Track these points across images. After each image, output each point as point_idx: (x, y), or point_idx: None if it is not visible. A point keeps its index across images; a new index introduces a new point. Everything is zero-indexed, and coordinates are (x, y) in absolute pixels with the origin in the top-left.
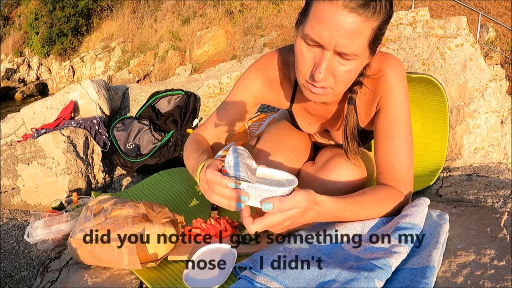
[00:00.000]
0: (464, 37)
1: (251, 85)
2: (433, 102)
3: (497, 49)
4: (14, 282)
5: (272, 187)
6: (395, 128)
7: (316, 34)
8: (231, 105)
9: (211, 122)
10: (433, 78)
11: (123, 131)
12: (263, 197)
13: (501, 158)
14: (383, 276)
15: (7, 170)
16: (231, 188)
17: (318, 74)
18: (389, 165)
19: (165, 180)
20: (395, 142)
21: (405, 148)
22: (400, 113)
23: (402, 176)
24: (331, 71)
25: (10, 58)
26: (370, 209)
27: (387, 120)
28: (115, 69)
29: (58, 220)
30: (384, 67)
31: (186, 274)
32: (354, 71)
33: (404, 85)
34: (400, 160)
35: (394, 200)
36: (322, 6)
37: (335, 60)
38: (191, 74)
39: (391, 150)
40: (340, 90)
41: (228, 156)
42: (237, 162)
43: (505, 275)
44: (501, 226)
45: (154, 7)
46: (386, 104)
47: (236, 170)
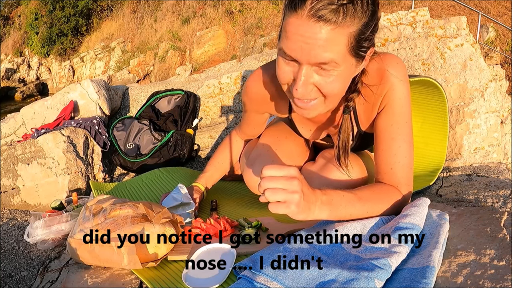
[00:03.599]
0: (464, 37)
1: (249, 108)
2: (433, 102)
3: (497, 49)
4: (14, 282)
5: None
6: (395, 129)
7: (288, 48)
8: (246, 118)
9: (244, 128)
10: (433, 79)
11: (123, 131)
12: None
13: (501, 158)
14: (383, 276)
15: (7, 170)
16: None
17: (295, 90)
18: (388, 166)
19: (165, 177)
20: (395, 144)
21: (405, 149)
22: (402, 113)
23: (400, 177)
24: (314, 84)
25: (10, 58)
26: (368, 202)
27: (388, 121)
28: (115, 69)
29: (58, 220)
30: (384, 67)
31: (185, 273)
32: (339, 81)
33: (405, 84)
34: (400, 162)
35: (392, 197)
36: (290, 20)
37: (313, 73)
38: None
39: (391, 151)
40: (331, 101)
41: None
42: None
43: (505, 275)
44: (501, 226)
45: (154, 7)
46: (387, 105)
47: None
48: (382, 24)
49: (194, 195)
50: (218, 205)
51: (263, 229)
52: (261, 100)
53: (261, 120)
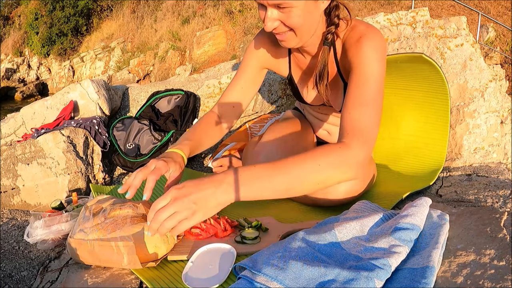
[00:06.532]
0: (464, 37)
1: (249, 63)
2: (435, 101)
3: (497, 49)
4: (14, 282)
5: None
6: (361, 90)
7: None
8: (241, 71)
9: (225, 93)
10: (427, 56)
11: (123, 131)
12: None
13: (501, 158)
14: (382, 276)
15: (7, 170)
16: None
17: (265, 26)
18: (344, 122)
19: (164, 178)
20: (357, 102)
21: (367, 112)
22: (368, 75)
23: (355, 126)
24: (278, 20)
25: (10, 58)
26: (293, 168)
27: (360, 78)
28: (115, 69)
29: (58, 220)
30: (363, 30)
31: (185, 273)
32: (298, 15)
33: (376, 49)
34: (358, 119)
35: (331, 151)
36: None
37: (276, 11)
38: (191, 74)
39: (353, 109)
40: (301, 33)
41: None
42: None
43: (505, 275)
44: (501, 226)
45: (154, 7)
46: (356, 65)
47: None
48: (382, 24)
49: (172, 166)
50: None
51: (263, 229)
52: (265, 51)
53: (255, 79)
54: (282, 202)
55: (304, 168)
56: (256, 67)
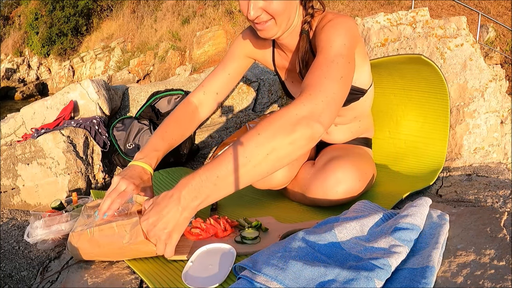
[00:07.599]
0: (464, 37)
1: (234, 52)
2: (435, 101)
3: (497, 49)
4: (14, 282)
5: None
6: (324, 59)
7: None
8: (229, 59)
9: (210, 79)
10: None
11: (123, 131)
12: None
13: (501, 158)
14: (382, 276)
15: (7, 170)
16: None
17: (249, 14)
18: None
19: (164, 179)
20: (318, 71)
21: (328, 83)
22: (338, 44)
23: (305, 85)
24: (261, 8)
25: (10, 58)
26: (241, 147)
27: (321, 53)
28: (115, 69)
29: (58, 220)
30: (331, 17)
31: (185, 273)
32: (281, 5)
33: (340, 27)
34: (320, 73)
35: (271, 117)
36: None
37: (259, 1)
38: (191, 74)
39: (313, 76)
40: (280, 22)
41: None
42: None
43: (505, 275)
44: (501, 226)
45: (154, 7)
46: (321, 45)
47: None
48: (382, 24)
49: (142, 189)
50: (218, 205)
51: (263, 229)
52: (251, 42)
53: (241, 67)
54: (282, 202)
55: (246, 148)
56: (243, 56)
